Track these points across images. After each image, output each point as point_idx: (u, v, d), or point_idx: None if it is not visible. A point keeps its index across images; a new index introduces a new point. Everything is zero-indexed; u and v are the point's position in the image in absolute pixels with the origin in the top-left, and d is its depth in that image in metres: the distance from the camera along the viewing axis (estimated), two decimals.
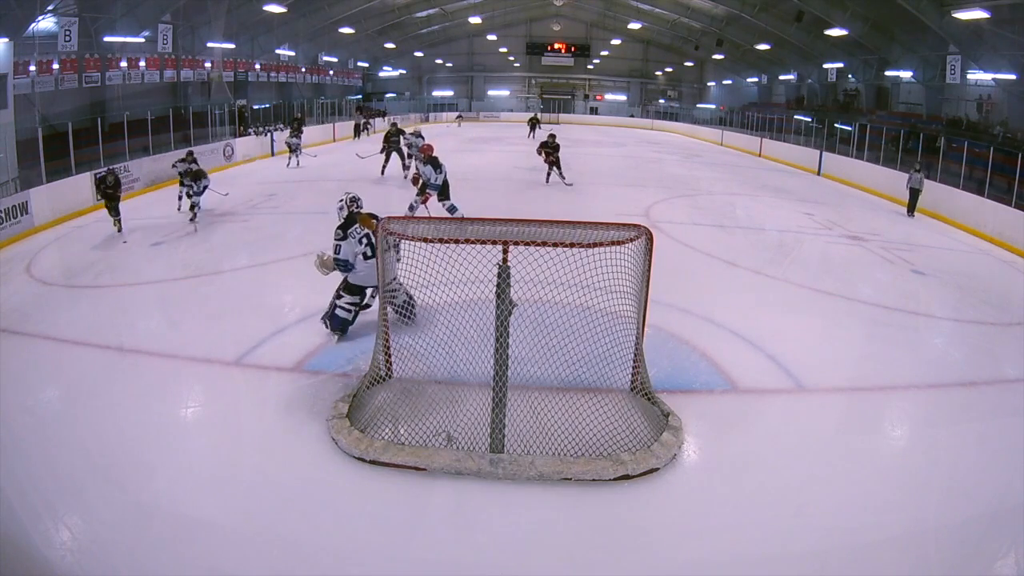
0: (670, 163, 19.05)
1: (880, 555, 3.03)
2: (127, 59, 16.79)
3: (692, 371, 4.81)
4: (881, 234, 9.85)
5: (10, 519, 3.11)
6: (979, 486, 3.55)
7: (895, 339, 5.67)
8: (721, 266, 7.81)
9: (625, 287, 3.97)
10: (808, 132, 20.43)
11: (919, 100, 20.25)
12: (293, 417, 4.04)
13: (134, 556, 2.91)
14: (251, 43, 22.62)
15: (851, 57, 22.68)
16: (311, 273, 7.03)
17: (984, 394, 4.65)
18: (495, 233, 3.83)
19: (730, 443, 3.93)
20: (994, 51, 15.63)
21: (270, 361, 4.81)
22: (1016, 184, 10.16)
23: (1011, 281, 7.76)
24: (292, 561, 2.91)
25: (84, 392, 4.39)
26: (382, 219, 4.16)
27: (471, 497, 3.36)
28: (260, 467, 3.59)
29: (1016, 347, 5.59)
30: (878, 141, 15.47)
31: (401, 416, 3.94)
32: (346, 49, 30.58)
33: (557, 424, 3.75)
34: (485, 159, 18.34)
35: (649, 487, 3.46)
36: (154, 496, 3.30)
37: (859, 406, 4.43)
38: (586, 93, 39.64)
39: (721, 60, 31.74)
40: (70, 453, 3.63)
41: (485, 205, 10.23)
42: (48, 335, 5.26)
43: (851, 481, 3.58)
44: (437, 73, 38.73)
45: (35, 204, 8.99)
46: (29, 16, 12.38)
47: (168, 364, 4.78)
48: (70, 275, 7.00)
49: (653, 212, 10.79)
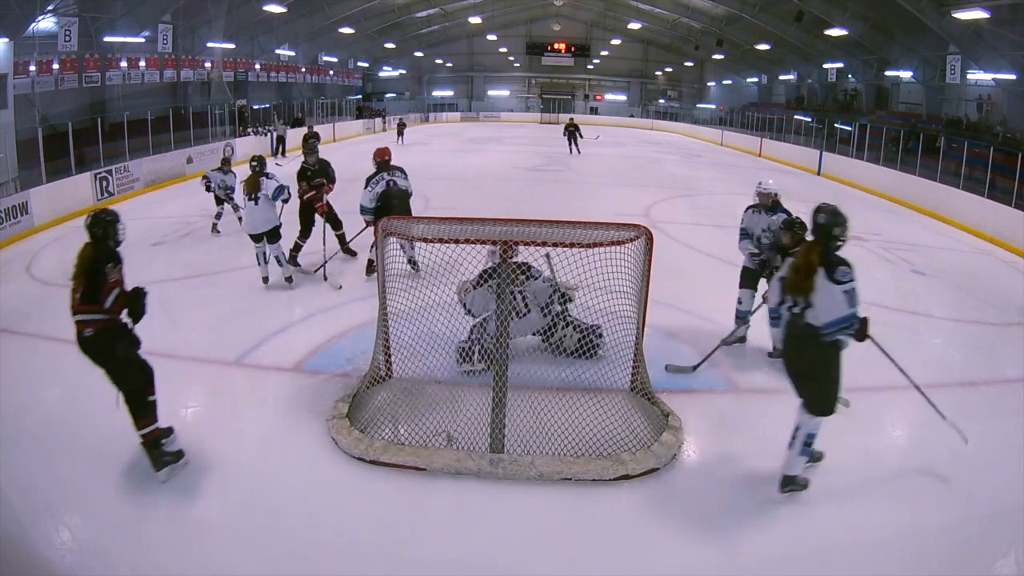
0: (670, 163, 19.06)
1: (880, 555, 3.03)
2: (127, 59, 16.80)
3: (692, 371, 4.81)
4: (881, 234, 9.84)
5: (10, 519, 3.11)
6: (979, 486, 3.55)
7: (895, 339, 5.65)
8: (721, 266, 7.79)
9: (625, 287, 3.97)
10: (808, 132, 20.42)
11: (919, 100, 20.25)
12: (293, 417, 4.04)
13: (134, 556, 2.91)
14: (251, 43, 22.63)
15: (851, 57, 22.69)
16: (311, 273, 7.04)
17: (984, 394, 4.65)
18: (495, 233, 3.83)
19: (730, 443, 3.93)
20: (994, 51, 15.63)
21: (270, 361, 4.81)
22: (1016, 184, 10.14)
23: (1011, 281, 7.74)
24: (292, 561, 2.90)
25: (84, 392, 4.38)
26: (382, 219, 4.14)
27: (471, 497, 3.36)
28: (260, 467, 3.59)
29: (1016, 347, 5.59)
30: (878, 141, 15.45)
31: (401, 416, 3.94)
32: (346, 49, 30.60)
33: (557, 424, 3.75)
34: (485, 159, 18.35)
35: (649, 487, 3.46)
36: (154, 496, 3.29)
37: (859, 406, 4.43)
38: (586, 93, 39.65)
39: (721, 60, 31.75)
40: (70, 453, 3.63)
41: (485, 205, 10.23)
42: (48, 335, 5.25)
43: (851, 481, 3.58)
44: (437, 73, 38.76)
45: (35, 204, 8.99)
46: (29, 16, 12.38)
47: (168, 364, 4.76)
48: (70, 275, 6.98)
49: (653, 212, 10.79)
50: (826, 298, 2.95)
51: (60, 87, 14.67)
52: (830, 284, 2.95)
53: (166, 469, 3.43)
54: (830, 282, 2.95)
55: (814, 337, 3.00)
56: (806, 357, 3.08)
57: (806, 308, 3.01)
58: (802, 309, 3.02)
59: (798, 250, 3.41)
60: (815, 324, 2.97)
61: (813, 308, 2.99)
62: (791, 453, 3.25)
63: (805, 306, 3.01)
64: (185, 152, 14.07)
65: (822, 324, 2.95)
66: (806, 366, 3.09)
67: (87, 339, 3.41)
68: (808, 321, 2.99)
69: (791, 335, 3.15)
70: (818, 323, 2.96)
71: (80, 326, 3.42)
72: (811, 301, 2.98)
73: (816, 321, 2.97)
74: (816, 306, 2.98)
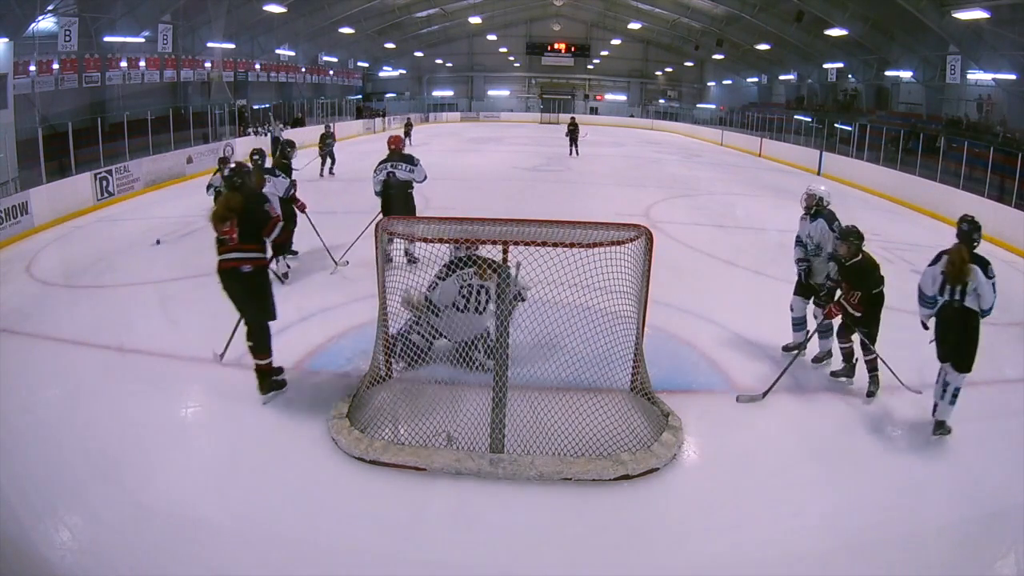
0: (670, 163, 19.06)
1: (880, 555, 3.03)
2: (127, 59, 16.80)
3: (692, 371, 4.81)
4: (881, 234, 9.83)
5: (10, 519, 3.11)
6: (979, 486, 3.56)
7: (895, 339, 5.66)
8: (721, 266, 7.80)
9: (625, 287, 3.97)
10: (808, 132, 20.42)
11: (919, 100, 20.25)
12: (293, 417, 4.04)
13: (134, 556, 2.91)
14: (251, 43, 22.64)
15: (851, 57, 22.69)
16: (311, 273, 7.05)
17: (984, 394, 4.64)
18: (495, 233, 3.83)
19: (730, 443, 3.93)
20: (994, 51, 15.63)
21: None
22: (1016, 184, 10.15)
23: (1011, 281, 7.74)
24: (292, 561, 2.91)
25: (84, 392, 4.39)
26: (382, 219, 4.15)
27: (471, 497, 3.36)
28: (260, 467, 3.59)
29: (1016, 347, 5.60)
30: (878, 141, 15.46)
31: (401, 416, 3.94)
32: (346, 49, 30.60)
33: (557, 424, 3.75)
34: (485, 159, 18.34)
35: (649, 487, 3.46)
36: (154, 496, 3.29)
37: (859, 406, 4.43)
38: (586, 93, 39.66)
39: (721, 60, 31.76)
40: (70, 453, 3.62)
41: (485, 205, 10.22)
42: (48, 335, 5.25)
43: (851, 481, 3.58)
44: (437, 73, 38.76)
45: (35, 204, 8.98)
46: (29, 16, 12.38)
47: (168, 364, 4.78)
48: (70, 275, 7.00)
49: (653, 212, 10.79)
50: (984, 289, 3.79)
51: (60, 87, 14.67)
52: (984, 278, 3.77)
53: (271, 393, 4.15)
54: (985, 277, 3.77)
55: (974, 317, 3.83)
56: (966, 332, 3.85)
57: (964, 296, 3.82)
58: (961, 296, 3.82)
59: (857, 260, 4.43)
60: (975, 308, 3.81)
61: (971, 296, 3.81)
62: (943, 403, 3.95)
63: (963, 294, 3.82)
64: (185, 152, 14.06)
65: (982, 308, 3.82)
66: (965, 339, 3.86)
67: (245, 275, 3.97)
68: (967, 305, 3.81)
69: (950, 317, 3.88)
70: (978, 307, 3.82)
71: (236, 263, 3.95)
72: (968, 291, 3.80)
73: (975, 305, 3.81)
74: (978, 294, 3.80)
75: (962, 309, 3.84)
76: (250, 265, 3.99)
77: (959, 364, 3.90)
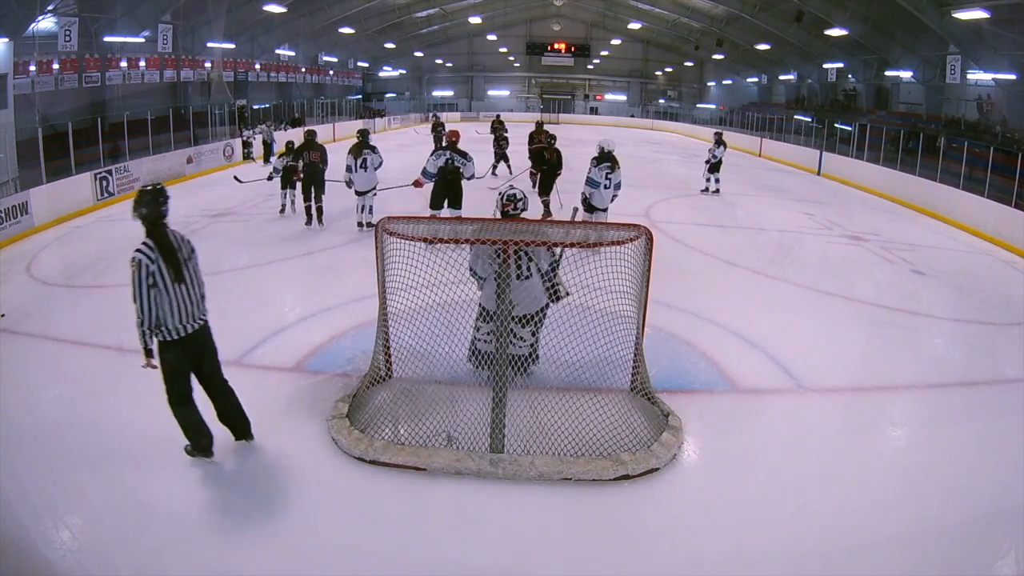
0: (670, 163, 19.06)
1: (880, 555, 3.03)
2: (127, 59, 16.80)
3: (692, 371, 4.81)
4: (881, 234, 9.85)
5: (10, 519, 3.11)
6: (979, 486, 3.55)
7: (895, 339, 5.67)
8: (721, 266, 7.80)
9: (625, 287, 3.97)
10: (808, 132, 20.42)
11: (919, 100, 20.25)
12: (293, 417, 4.04)
13: (134, 556, 2.91)
14: (251, 43, 22.63)
15: (851, 57, 22.68)
16: (311, 273, 7.06)
17: (984, 394, 4.65)
18: (495, 233, 3.83)
19: (730, 443, 3.93)
20: (994, 51, 15.63)
21: (270, 361, 4.81)
22: (1016, 184, 10.14)
23: (1011, 281, 7.74)
24: (292, 561, 2.90)
25: (84, 392, 4.39)
26: (382, 219, 4.14)
27: (471, 497, 3.36)
28: (260, 467, 3.59)
29: (1016, 347, 5.59)
30: (878, 141, 15.46)
31: (401, 416, 3.94)
32: (346, 49, 30.59)
33: (557, 424, 3.75)
34: (485, 159, 18.30)
35: (649, 487, 3.45)
36: (154, 496, 3.29)
37: (859, 406, 4.43)
38: (586, 93, 39.64)
39: (721, 60, 31.74)
40: (70, 453, 3.62)
41: (485, 205, 10.21)
42: (48, 335, 5.26)
43: (851, 481, 3.58)
44: (437, 73, 38.75)
45: (35, 204, 8.98)
46: (29, 16, 12.38)
47: None
48: (70, 275, 7.01)
49: (653, 212, 10.78)
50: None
51: (60, 87, 14.67)
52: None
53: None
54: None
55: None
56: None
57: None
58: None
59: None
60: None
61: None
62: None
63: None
64: (185, 152, 14.07)
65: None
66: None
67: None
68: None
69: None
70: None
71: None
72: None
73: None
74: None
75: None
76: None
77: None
